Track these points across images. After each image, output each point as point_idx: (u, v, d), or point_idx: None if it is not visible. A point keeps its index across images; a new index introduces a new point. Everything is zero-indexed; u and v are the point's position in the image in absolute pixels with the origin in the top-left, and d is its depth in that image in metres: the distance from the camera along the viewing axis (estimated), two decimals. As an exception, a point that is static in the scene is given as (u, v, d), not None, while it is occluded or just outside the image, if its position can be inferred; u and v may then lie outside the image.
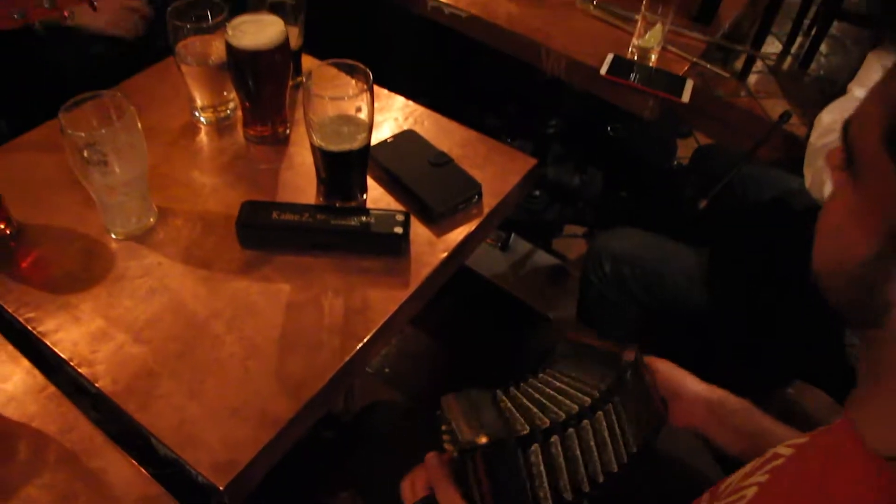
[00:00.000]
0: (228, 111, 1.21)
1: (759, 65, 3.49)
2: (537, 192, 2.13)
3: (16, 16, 1.07)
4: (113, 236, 1.00)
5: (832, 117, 1.22)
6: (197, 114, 1.20)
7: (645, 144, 2.17)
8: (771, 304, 1.15)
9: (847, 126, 0.54)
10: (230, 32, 1.06)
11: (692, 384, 0.92)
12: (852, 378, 0.60)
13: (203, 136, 1.19)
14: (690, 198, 1.45)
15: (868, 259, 0.51)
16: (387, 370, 1.83)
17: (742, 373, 0.95)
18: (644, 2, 1.42)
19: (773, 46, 3.63)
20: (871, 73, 1.24)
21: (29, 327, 0.89)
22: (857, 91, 1.24)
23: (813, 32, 3.46)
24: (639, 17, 1.45)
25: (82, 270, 0.96)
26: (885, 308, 0.52)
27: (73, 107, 0.91)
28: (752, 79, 3.41)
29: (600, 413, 0.80)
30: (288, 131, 1.20)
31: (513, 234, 2.19)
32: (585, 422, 0.79)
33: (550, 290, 2.09)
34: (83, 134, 0.89)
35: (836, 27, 3.46)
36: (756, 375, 1.00)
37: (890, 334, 0.53)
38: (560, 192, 2.15)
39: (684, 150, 2.44)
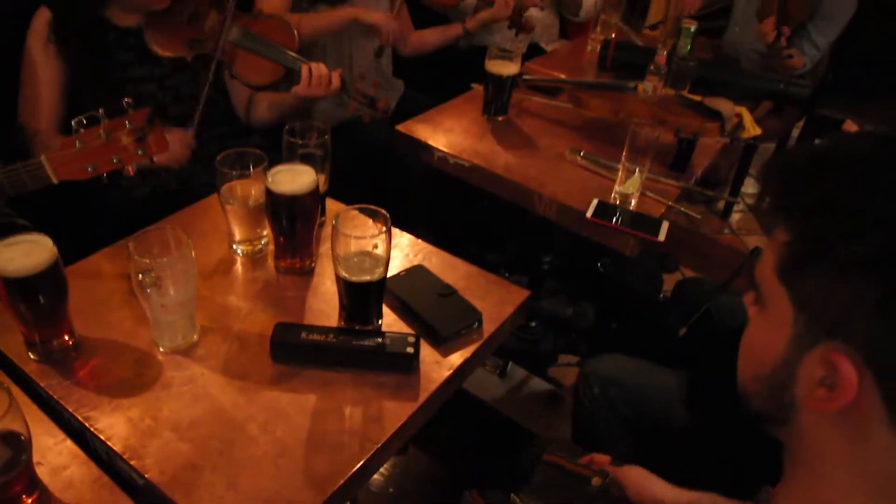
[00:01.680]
0: (261, 245, 1.38)
1: (740, 205, 3.74)
2: (533, 323, 2.28)
3: (89, 168, 1.27)
4: (161, 349, 1.15)
5: None
6: (235, 246, 1.37)
7: (633, 279, 2.35)
8: (743, 419, 1.28)
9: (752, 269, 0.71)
10: (270, 179, 1.25)
11: (662, 490, 1.03)
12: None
13: (238, 266, 1.36)
14: (672, 326, 1.59)
15: (777, 365, 0.66)
16: (391, 490, 1.92)
17: (719, 480, 1.07)
18: (624, 153, 1.63)
19: (752, 187, 3.90)
20: None
21: (87, 424, 1.02)
22: None
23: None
24: (620, 167, 1.65)
25: (134, 378, 1.10)
26: (791, 405, 0.66)
27: (140, 235, 1.09)
28: (735, 217, 3.66)
29: None
30: (313, 264, 1.36)
31: (510, 362, 2.33)
32: None
33: (546, 413, 2.20)
34: (147, 260, 1.05)
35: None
36: (733, 482, 1.12)
37: (797, 430, 0.67)
38: (554, 323, 2.31)
39: (671, 283, 2.61)
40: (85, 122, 1.25)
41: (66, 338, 1.13)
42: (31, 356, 1.11)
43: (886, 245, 0.57)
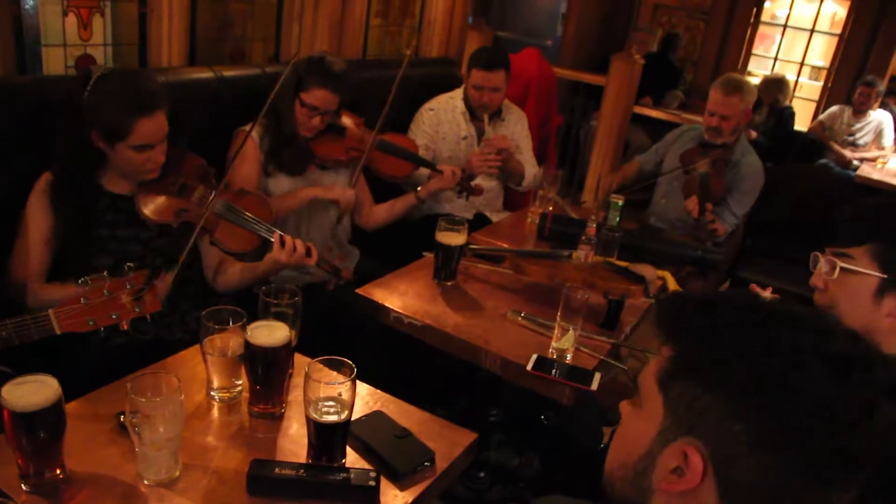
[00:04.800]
0: (236, 392, 1.53)
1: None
2: (482, 474, 2.40)
3: (90, 322, 1.43)
4: (145, 482, 1.26)
5: None
6: (213, 393, 1.51)
7: (575, 431, 2.51)
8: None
9: (637, 375, 0.91)
10: (249, 333, 1.43)
11: None
12: None
13: (216, 411, 1.50)
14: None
15: (643, 454, 0.85)
16: None
17: None
18: (559, 314, 1.85)
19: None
20: None
21: (76, 552, 1.12)
22: None
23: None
24: (556, 326, 1.87)
25: (120, 509, 1.21)
26: (649, 488, 0.85)
27: (135, 379, 1.24)
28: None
29: None
30: (283, 409, 1.51)
31: (461, 512, 2.42)
32: None
33: (495, 560, 2.28)
34: (143, 399, 1.20)
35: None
36: None
37: None
38: (501, 474, 2.43)
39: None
40: (90, 281, 1.43)
41: (58, 471, 1.24)
42: (24, 487, 1.21)
43: (741, 373, 0.78)
